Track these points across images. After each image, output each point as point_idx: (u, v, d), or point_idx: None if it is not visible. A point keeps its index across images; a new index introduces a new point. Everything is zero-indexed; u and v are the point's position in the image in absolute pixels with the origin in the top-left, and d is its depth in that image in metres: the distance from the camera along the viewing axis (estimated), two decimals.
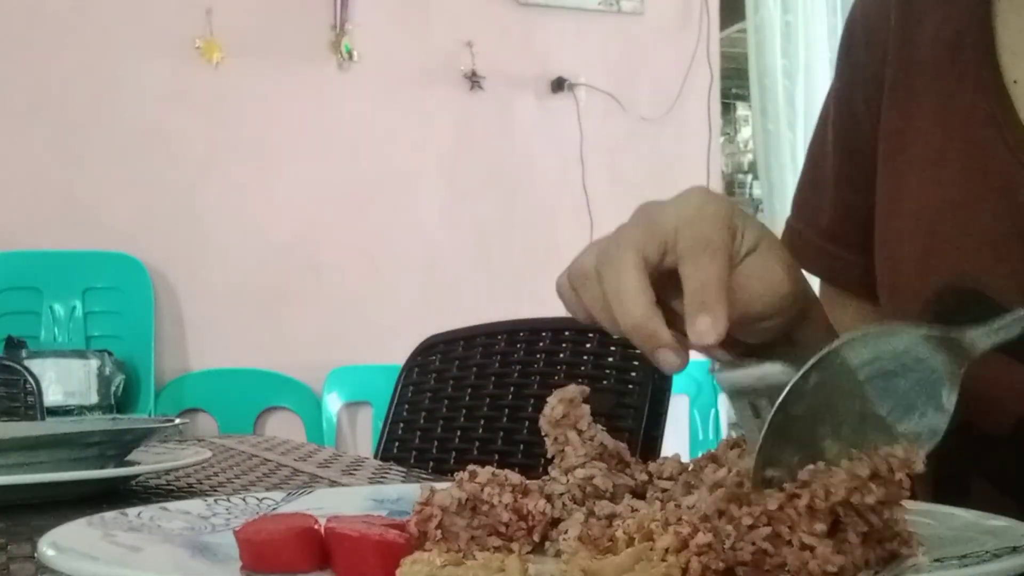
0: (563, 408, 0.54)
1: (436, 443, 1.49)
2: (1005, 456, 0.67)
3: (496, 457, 1.38)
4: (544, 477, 0.54)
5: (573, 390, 0.55)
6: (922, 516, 0.54)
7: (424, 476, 1.06)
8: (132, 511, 0.56)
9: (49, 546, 0.47)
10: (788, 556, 0.42)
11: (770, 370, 0.54)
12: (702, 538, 0.43)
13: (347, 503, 0.61)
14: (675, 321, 0.56)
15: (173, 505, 0.58)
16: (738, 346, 0.66)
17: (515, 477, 0.53)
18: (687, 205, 0.59)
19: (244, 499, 0.61)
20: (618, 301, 0.56)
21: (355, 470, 1.10)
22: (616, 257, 0.56)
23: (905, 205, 0.74)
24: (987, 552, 0.45)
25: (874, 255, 0.77)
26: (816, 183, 0.84)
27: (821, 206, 0.83)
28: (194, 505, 0.59)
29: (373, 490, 0.67)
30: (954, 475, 0.71)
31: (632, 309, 0.55)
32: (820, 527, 0.42)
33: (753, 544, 0.42)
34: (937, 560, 0.46)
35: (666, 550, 0.43)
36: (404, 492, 0.65)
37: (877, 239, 0.77)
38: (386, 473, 1.08)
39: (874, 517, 0.43)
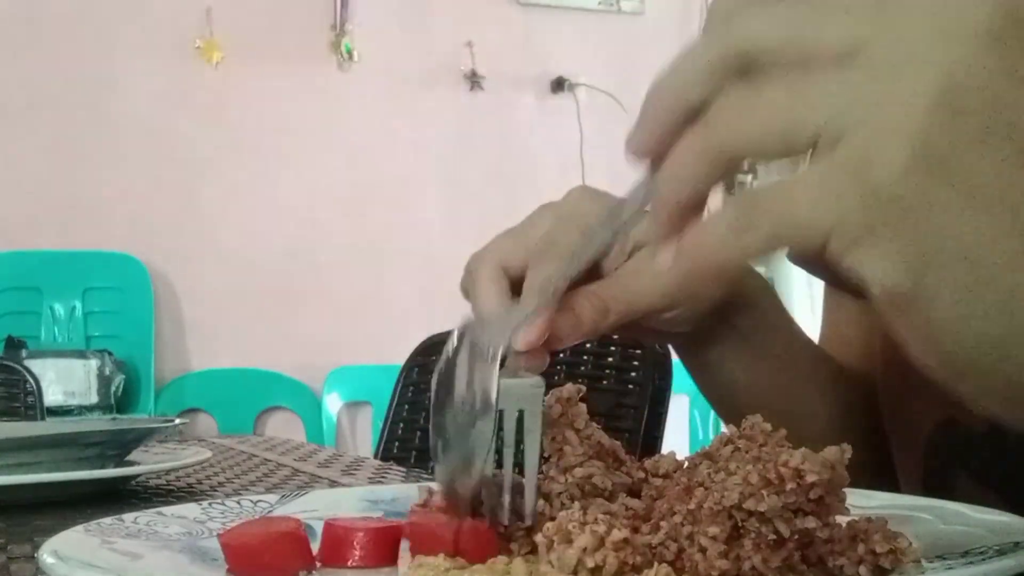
0: (560, 407, 0.54)
1: None
2: (986, 451, 0.67)
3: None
4: (540, 476, 0.54)
5: (570, 389, 0.55)
6: (921, 512, 0.54)
7: (424, 476, 1.06)
8: (128, 516, 0.56)
9: (50, 554, 0.47)
10: (687, 557, 0.43)
11: (516, 383, 0.53)
12: (617, 534, 0.43)
13: (342, 504, 0.61)
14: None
15: (169, 510, 0.58)
16: (677, 334, 0.67)
17: (513, 477, 0.53)
18: (562, 207, 0.63)
19: (239, 502, 0.61)
20: (476, 318, 0.59)
21: (355, 470, 1.10)
22: (473, 270, 0.61)
23: None
24: (990, 548, 0.46)
25: None
26: None
27: None
28: (190, 509, 0.59)
29: (367, 491, 0.67)
30: (939, 471, 0.71)
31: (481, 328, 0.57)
32: (713, 530, 0.43)
33: (675, 542, 0.44)
34: (940, 558, 0.46)
35: (584, 549, 0.44)
36: (400, 493, 0.65)
37: None
38: (386, 473, 1.08)
39: (782, 525, 0.43)
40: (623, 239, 0.60)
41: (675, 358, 0.92)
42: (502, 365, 0.51)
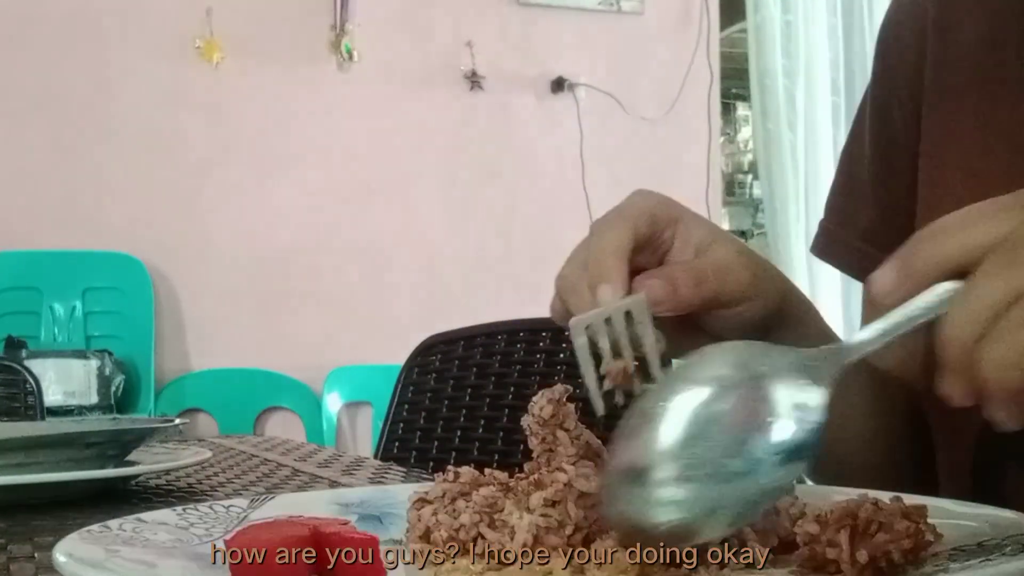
0: (551, 408, 0.55)
1: (436, 443, 1.49)
2: None
3: (496, 457, 1.38)
4: (519, 475, 0.54)
5: (559, 389, 0.55)
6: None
7: (424, 476, 1.06)
8: (114, 523, 0.56)
9: (63, 554, 0.48)
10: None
11: (617, 303, 0.56)
12: None
13: (312, 507, 0.60)
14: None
15: (148, 516, 0.58)
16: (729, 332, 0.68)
17: (501, 476, 0.53)
18: (622, 204, 0.64)
19: (212, 507, 0.61)
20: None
21: (355, 470, 1.10)
22: (569, 286, 0.61)
23: (946, 202, 0.74)
24: (1003, 542, 0.46)
25: None
26: (852, 187, 0.85)
27: (859, 208, 0.84)
28: (166, 515, 0.59)
29: (336, 494, 0.68)
30: (990, 464, 0.71)
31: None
32: None
33: None
34: (956, 550, 0.46)
35: None
36: (367, 495, 0.65)
37: None
38: (386, 473, 1.08)
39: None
40: (682, 236, 0.63)
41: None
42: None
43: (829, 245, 0.86)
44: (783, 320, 0.69)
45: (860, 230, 0.83)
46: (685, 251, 0.63)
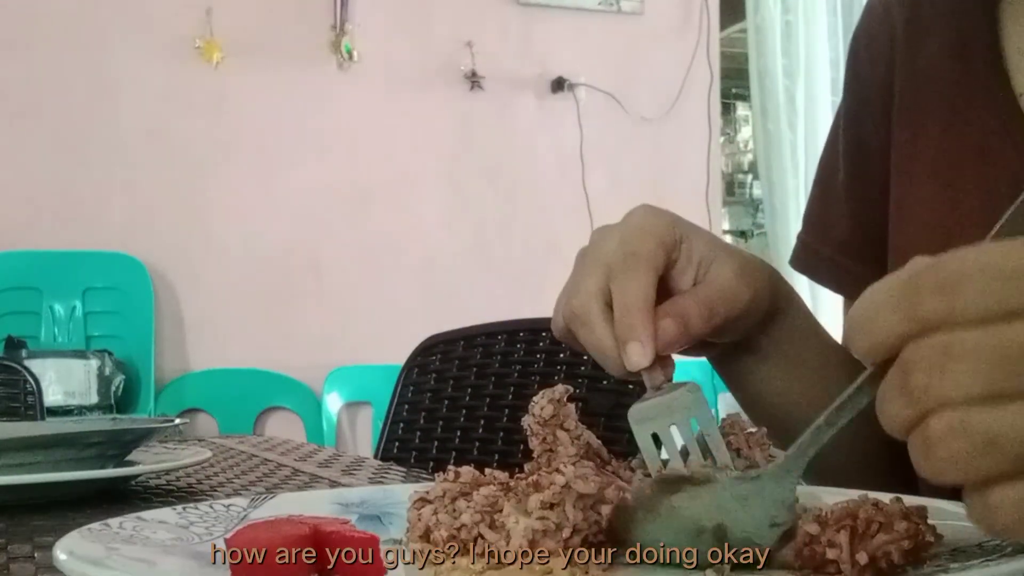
0: (552, 408, 0.55)
1: (436, 443, 1.49)
2: None
3: (496, 457, 1.38)
4: (519, 475, 0.54)
5: (560, 389, 0.56)
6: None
7: (424, 476, 1.06)
8: (114, 522, 0.56)
9: (63, 551, 0.48)
10: None
11: (674, 397, 0.56)
12: None
13: (312, 507, 0.60)
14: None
15: (148, 514, 0.58)
16: (711, 347, 0.70)
17: (501, 476, 0.53)
18: (627, 226, 0.63)
19: (211, 506, 0.61)
20: (601, 356, 0.61)
21: (355, 470, 1.10)
22: (582, 312, 0.61)
23: (918, 214, 0.75)
24: (1003, 542, 0.46)
25: (887, 266, 0.77)
26: (827, 199, 0.85)
27: (834, 221, 0.84)
28: (166, 514, 0.59)
29: (336, 494, 0.68)
30: None
31: (607, 365, 0.60)
32: None
33: None
34: (956, 550, 0.47)
35: None
36: (367, 495, 0.65)
37: (890, 247, 0.77)
38: (386, 473, 1.08)
39: None
40: (685, 254, 0.63)
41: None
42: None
43: (807, 259, 0.86)
44: (770, 319, 0.71)
45: (836, 242, 0.84)
46: (688, 268, 0.63)
